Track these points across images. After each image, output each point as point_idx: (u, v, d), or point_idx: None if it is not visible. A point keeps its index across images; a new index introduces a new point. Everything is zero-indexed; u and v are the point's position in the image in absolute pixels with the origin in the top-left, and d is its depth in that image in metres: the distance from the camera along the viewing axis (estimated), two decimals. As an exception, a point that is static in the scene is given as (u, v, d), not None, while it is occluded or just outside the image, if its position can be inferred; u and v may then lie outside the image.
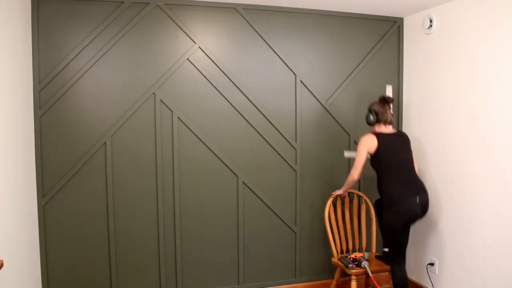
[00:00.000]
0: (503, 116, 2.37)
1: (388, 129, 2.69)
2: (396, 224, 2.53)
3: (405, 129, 3.19)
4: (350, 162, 3.16)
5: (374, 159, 2.64)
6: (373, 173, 3.24)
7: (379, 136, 2.61)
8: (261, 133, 2.93)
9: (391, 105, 2.70)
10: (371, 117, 2.69)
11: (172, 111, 2.74)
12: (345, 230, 3.12)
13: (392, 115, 2.69)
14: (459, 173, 2.69)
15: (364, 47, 3.12)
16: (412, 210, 2.50)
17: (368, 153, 2.63)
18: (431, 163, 2.93)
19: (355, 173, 2.68)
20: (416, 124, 3.08)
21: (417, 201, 2.51)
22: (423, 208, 2.55)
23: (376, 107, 2.67)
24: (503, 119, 2.37)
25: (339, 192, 2.92)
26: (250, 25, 2.85)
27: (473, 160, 2.57)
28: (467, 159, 2.62)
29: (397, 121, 3.22)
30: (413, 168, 2.64)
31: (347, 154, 3.01)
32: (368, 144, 2.60)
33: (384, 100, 2.68)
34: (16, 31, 2.17)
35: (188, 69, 2.76)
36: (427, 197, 2.59)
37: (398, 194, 2.52)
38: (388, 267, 2.78)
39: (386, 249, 2.79)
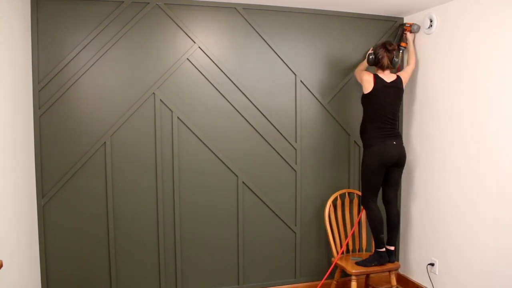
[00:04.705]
0: (504, 116, 2.37)
1: (387, 75, 2.73)
2: (373, 163, 2.70)
3: (405, 129, 3.19)
4: (351, 162, 3.16)
5: (365, 99, 2.74)
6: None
7: (377, 79, 2.68)
8: (261, 133, 2.92)
9: (393, 53, 2.72)
10: (370, 58, 2.76)
11: (172, 111, 2.74)
12: (345, 230, 3.12)
13: (389, 61, 2.71)
14: (459, 173, 2.69)
15: (364, 47, 3.11)
16: (388, 150, 2.69)
17: (362, 90, 2.73)
18: (430, 162, 2.93)
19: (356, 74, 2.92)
20: (416, 124, 3.07)
21: (394, 142, 2.72)
22: (399, 153, 2.74)
23: (377, 50, 2.73)
24: (504, 119, 2.37)
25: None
26: (250, 25, 2.85)
27: (473, 161, 2.57)
28: (467, 160, 2.62)
29: (398, 120, 3.20)
30: (396, 122, 2.80)
31: None
32: (366, 80, 2.69)
33: (384, 47, 2.70)
34: (15, 31, 2.17)
35: (188, 69, 2.76)
36: (403, 144, 2.80)
37: (377, 138, 2.71)
38: (389, 266, 2.79)
39: (392, 247, 2.83)
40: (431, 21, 2.86)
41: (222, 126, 2.85)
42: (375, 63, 2.75)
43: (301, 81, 2.99)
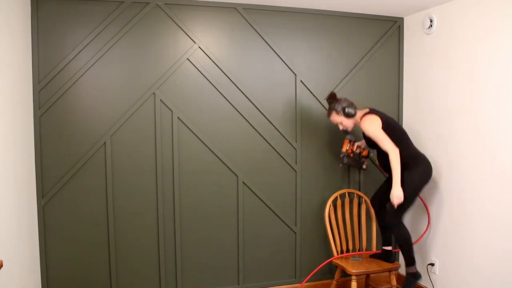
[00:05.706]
0: (504, 116, 2.37)
1: (362, 111, 2.73)
2: (423, 183, 2.61)
3: (405, 129, 3.19)
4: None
5: (384, 132, 2.61)
6: (373, 174, 3.24)
7: (375, 112, 2.67)
8: (261, 133, 2.92)
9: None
10: (350, 111, 2.68)
11: (172, 111, 2.74)
12: (345, 230, 3.12)
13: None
14: (458, 173, 2.68)
15: (364, 47, 3.12)
16: (431, 168, 2.63)
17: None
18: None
19: (393, 148, 2.56)
20: (416, 124, 3.07)
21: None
22: None
23: (344, 102, 2.69)
24: (504, 119, 2.37)
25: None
26: (250, 25, 2.85)
27: (473, 161, 2.57)
28: (467, 160, 2.62)
29: (397, 120, 3.21)
30: None
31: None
32: (378, 123, 2.61)
33: (337, 98, 2.72)
34: (15, 31, 2.17)
35: (188, 69, 2.76)
36: None
37: (419, 153, 2.65)
38: (389, 266, 2.79)
39: (390, 247, 2.81)
40: (431, 21, 2.86)
41: (222, 126, 2.85)
42: (356, 109, 2.70)
43: (301, 81, 2.99)
